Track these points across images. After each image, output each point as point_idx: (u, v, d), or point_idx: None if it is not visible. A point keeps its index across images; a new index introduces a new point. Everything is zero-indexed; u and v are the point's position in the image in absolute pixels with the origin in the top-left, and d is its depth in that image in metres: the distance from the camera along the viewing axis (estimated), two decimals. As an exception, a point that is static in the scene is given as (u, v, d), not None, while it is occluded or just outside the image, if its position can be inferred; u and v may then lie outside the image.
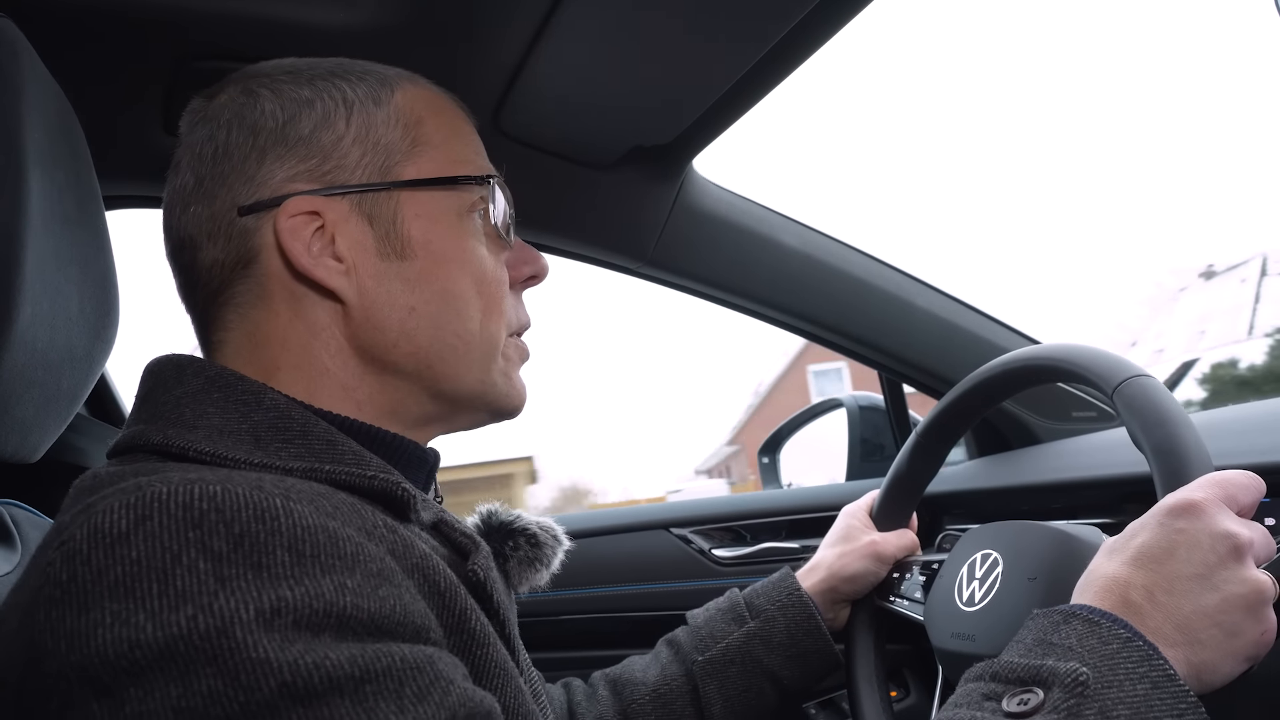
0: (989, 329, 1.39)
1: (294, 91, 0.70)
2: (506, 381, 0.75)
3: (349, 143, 0.70)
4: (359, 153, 0.70)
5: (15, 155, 0.65)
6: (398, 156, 0.71)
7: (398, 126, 0.72)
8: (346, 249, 0.69)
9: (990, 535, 0.91)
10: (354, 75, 0.72)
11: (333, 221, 0.69)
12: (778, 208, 1.32)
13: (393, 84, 0.73)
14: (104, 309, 0.79)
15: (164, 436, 0.61)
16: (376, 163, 0.71)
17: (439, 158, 0.73)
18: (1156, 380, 0.78)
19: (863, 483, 1.52)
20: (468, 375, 0.73)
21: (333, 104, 0.70)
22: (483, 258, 0.73)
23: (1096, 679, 0.56)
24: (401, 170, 0.71)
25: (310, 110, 0.70)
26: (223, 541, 0.50)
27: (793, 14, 0.90)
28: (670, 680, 1.01)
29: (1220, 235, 32.33)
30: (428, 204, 0.72)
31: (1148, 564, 0.63)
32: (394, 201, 0.70)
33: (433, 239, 0.71)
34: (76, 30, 0.92)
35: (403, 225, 0.70)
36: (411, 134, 0.72)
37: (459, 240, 0.72)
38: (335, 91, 0.71)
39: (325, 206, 0.69)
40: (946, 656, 0.90)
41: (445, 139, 0.74)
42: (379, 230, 0.70)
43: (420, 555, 0.59)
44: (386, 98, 0.72)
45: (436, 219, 0.72)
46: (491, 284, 0.73)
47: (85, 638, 0.47)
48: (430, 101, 0.74)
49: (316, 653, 0.48)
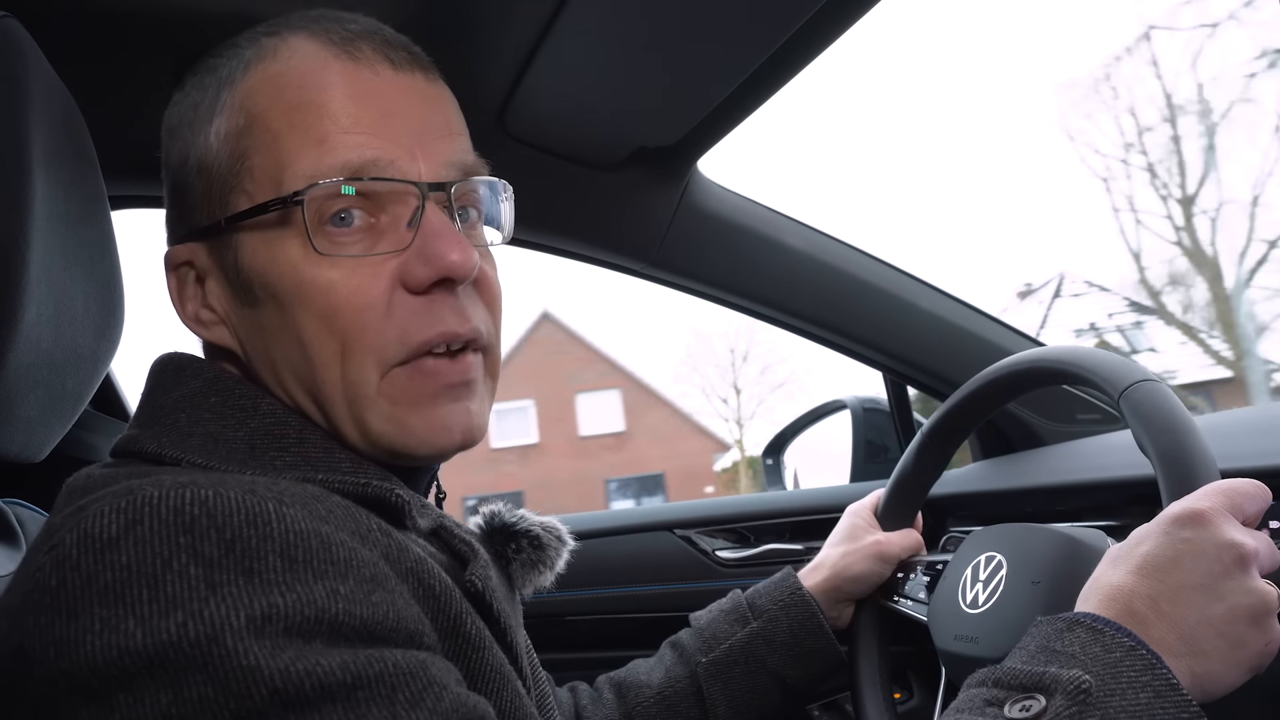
0: (993, 331, 1.39)
1: (174, 114, 0.68)
2: (396, 427, 0.63)
3: (194, 175, 0.64)
4: (201, 185, 0.64)
5: (21, 155, 0.65)
6: (230, 180, 0.63)
7: (227, 140, 0.63)
8: (214, 299, 0.66)
9: (994, 537, 0.91)
10: (215, 69, 0.66)
11: (201, 269, 0.66)
12: (782, 209, 1.32)
13: (240, 70, 0.64)
14: (109, 308, 0.79)
15: (158, 444, 0.61)
16: (214, 194, 0.64)
17: (266, 172, 0.62)
18: (1163, 385, 0.77)
19: (866, 484, 1.52)
20: (345, 429, 0.64)
21: (186, 127, 0.65)
22: (330, 287, 0.61)
23: (1099, 687, 0.56)
24: (234, 199, 0.63)
25: (175, 139, 0.67)
26: (214, 547, 0.49)
27: (797, 17, 0.90)
28: (675, 682, 1.01)
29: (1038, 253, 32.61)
30: (262, 236, 0.62)
31: (1152, 573, 0.62)
32: (233, 240, 0.63)
33: (270, 279, 0.62)
34: (82, 29, 0.92)
35: (244, 267, 0.63)
36: (240, 146, 0.63)
37: (298, 272, 0.62)
38: (190, 107, 0.65)
39: (193, 254, 0.66)
40: (950, 658, 0.90)
41: (273, 141, 0.62)
42: (230, 275, 0.64)
43: (415, 559, 0.59)
44: (223, 100, 0.64)
45: (272, 253, 0.62)
46: (344, 315, 0.61)
47: (74, 644, 0.47)
48: (279, 80, 0.63)
49: (308, 659, 0.48)
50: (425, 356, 0.63)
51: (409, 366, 0.63)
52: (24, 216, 0.64)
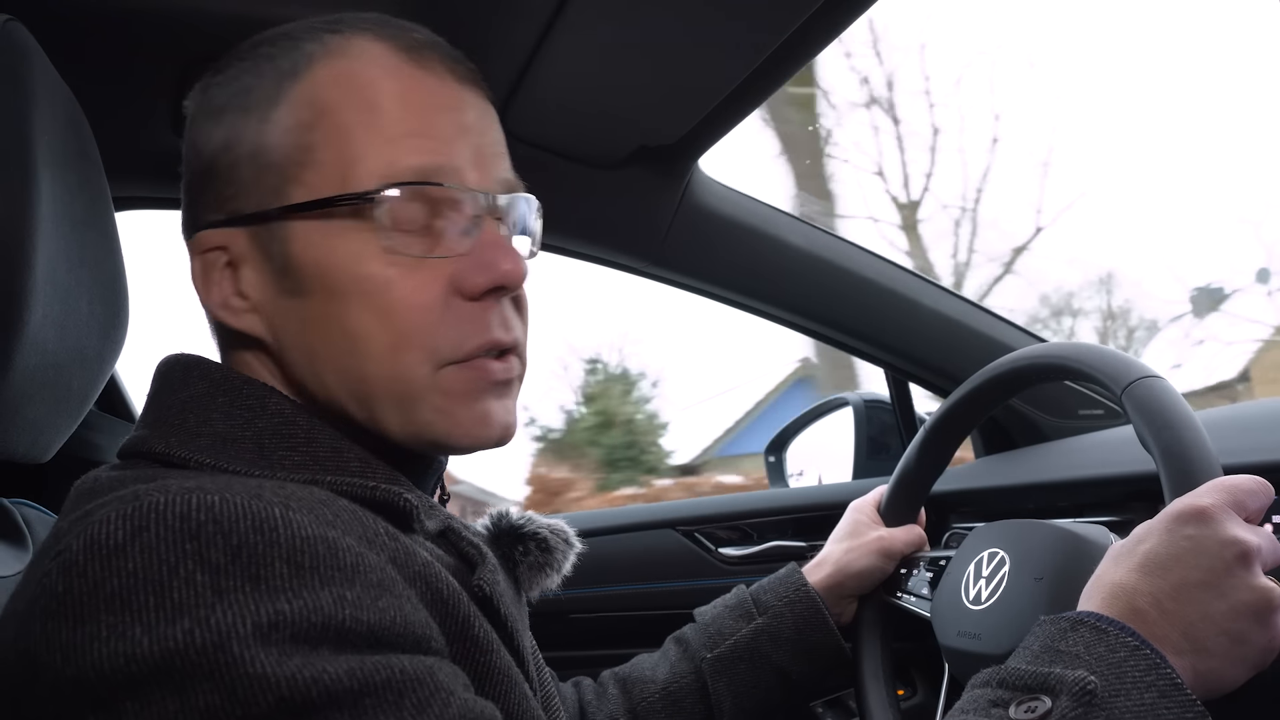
0: (996, 327, 1.39)
1: (215, 98, 0.66)
2: (446, 420, 0.64)
3: (244, 162, 0.64)
4: (251, 173, 0.64)
5: (26, 157, 0.65)
6: (289, 171, 0.63)
7: (291, 131, 0.63)
8: (249, 286, 0.65)
9: (997, 533, 0.91)
10: (272, 58, 0.65)
11: (237, 255, 0.65)
12: (783, 207, 1.32)
13: (305, 64, 0.64)
14: (114, 310, 0.79)
15: (166, 445, 0.61)
16: (267, 183, 0.63)
17: (333, 165, 0.63)
18: (1166, 381, 0.77)
19: (869, 481, 1.52)
20: (387, 420, 0.64)
21: (235, 112, 0.64)
22: (391, 283, 0.62)
23: (1104, 687, 0.56)
24: (292, 190, 0.63)
25: (218, 124, 0.65)
26: (220, 553, 0.49)
27: (796, 15, 0.90)
28: (679, 678, 1.01)
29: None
30: (321, 229, 0.63)
31: (1155, 571, 0.62)
32: (284, 230, 0.63)
33: (326, 271, 0.63)
34: (86, 33, 0.92)
35: (295, 257, 0.63)
36: (306, 138, 0.63)
37: (358, 267, 0.62)
38: (241, 94, 0.65)
39: (229, 239, 0.65)
40: (953, 654, 0.90)
41: (345, 134, 0.63)
42: (275, 264, 0.64)
43: (422, 563, 0.58)
44: (287, 90, 0.64)
45: (331, 246, 0.63)
46: (402, 314, 0.63)
47: (81, 651, 0.47)
48: (350, 78, 0.64)
49: (314, 666, 0.47)
50: (479, 358, 0.65)
51: (463, 365, 0.65)
52: (29, 218, 0.65)
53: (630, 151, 1.18)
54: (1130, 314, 11.03)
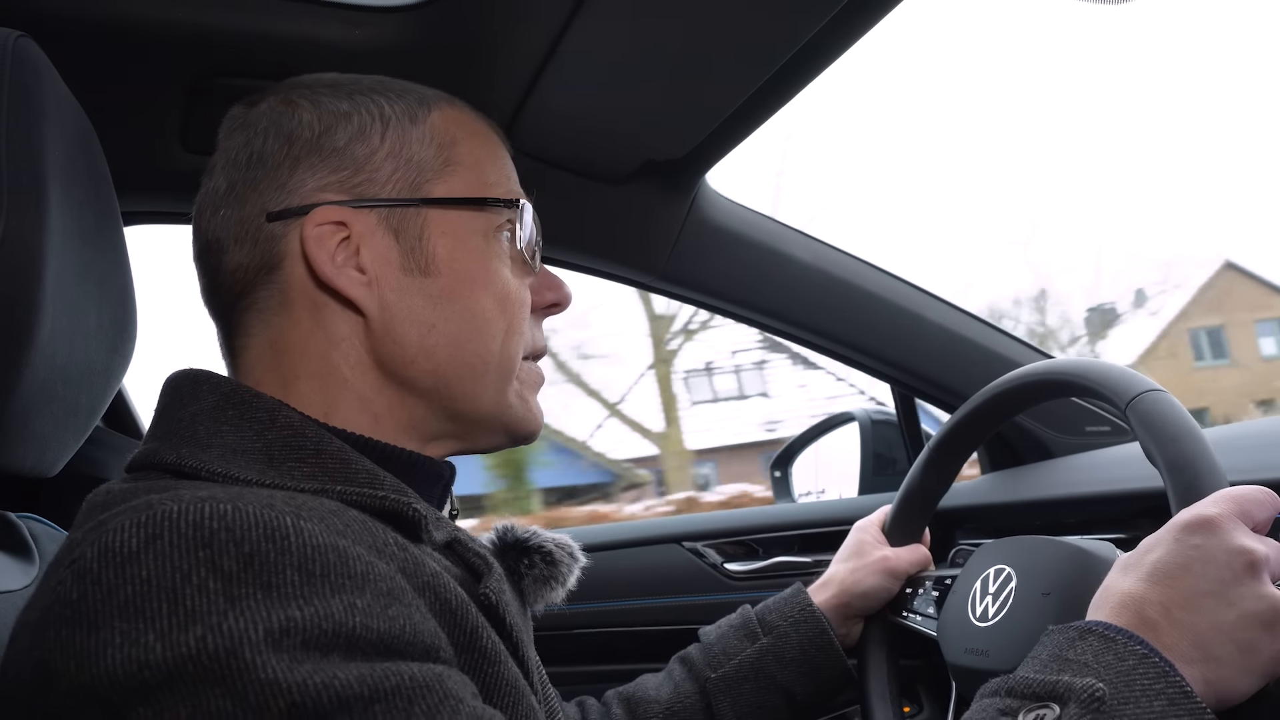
0: (1001, 343, 1.39)
1: (332, 104, 0.71)
2: (523, 404, 0.76)
3: (382, 157, 0.71)
4: (391, 167, 0.71)
5: (36, 172, 0.66)
6: (429, 174, 0.72)
7: (431, 145, 0.73)
8: (370, 261, 0.69)
9: (1003, 550, 0.91)
10: (393, 92, 0.73)
11: (359, 233, 0.69)
12: (790, 222, 1.33)
13: (431, 103, 0.74)
14: (122, 324, 0.80)
15: (177, 455, 0.61)
16: (407, 178, 0.71)
17: (469, 178, 0.73)
18: (1170, 395, 0.77)
19: (875, 497, 1.52)
20: (484, 395, 0.73)
21: (369, 118, 0.71)
22: (506, 279, 0.74)
23: (1113, 695, 0.55)
24: (432, 188, 0.72)
25: (347, 123, 0.71)
26: (233, 561, 0.50)
27: (804, 30, 0.91)
28: (684, 697, 1.00)
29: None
30: (455, 223, 0.72)
31: (1164, 580, 0.62)
32: (421, 218, 0.71)
33: (458, 257, 0.72)
34: (96, 49, 0.93)
35: (428, 242, 0.71)
36: (445, 154, 0.73)
37: (483, 261, 0.73)
38: (373, 106, 0.72)
39: (353, 218, 0.69)
40: (960, 672, 0.90)
41: (477, 161, 0.75)
42: (404, 245, 0.71)
43: (431, 574, 0.59)
44: (423, 116, 0.73)
45: (463, 238, 0.72)
46: (514, 305, 0.74)
47: (95, 658, 0.47)
48: (466, 125, 0.75)
49: (325, 673, 0.48)
50: (532, 359, 0.78)
51: (529, 364, 0.78)
52: (40, 233, 0.65)
53: (637, 166, 1.19)
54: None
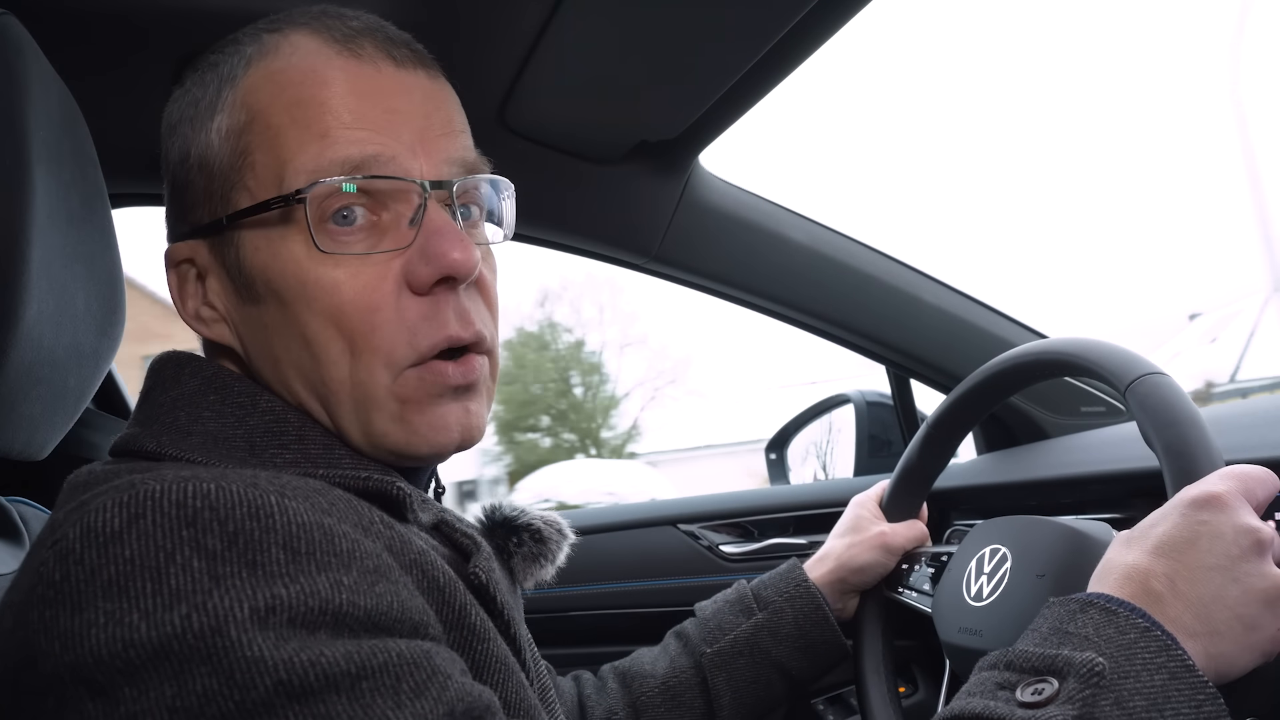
0: (997, 324, 1.39)
1: (174, 111, 0.67)
2: (402, 428, 0.64)
3: (194, 172, 0.65)
4: (202, 182, 0.64)
5: (21, 153, 0.65)
6: (232, 177, 0.63)
7: (228, 138, 0.63)
8: (215, 296, 0.66)
9: (999, 530, 0.90)
10: (215, 66, 0.65)
11: (202, 266, 0.66)
12: (784, 202, 1.32)
13: (242, 67, 0.64)
14: (110, 306, 0.79)
15: (157, 444, 0.61)
16: (215, 191, 0.64)
17: (267, 169, 0.62)
18: (1170, 378, 0.77)
19: (870, 478, 1.52)
20: (350, 426, 0.64)
21: (187, 124, 0.65)
22: (335, 286, 0.61)
23: (1113, 669, 0.55)
24: (236, 197, 0.63)
25: (175, 136, 0.66)
26: (217, 539, 0.49)
27: (797, 8, 0.90)
28: (679, 672, 1.01)
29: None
30: (265, 234, 0.63)
31: (1169, 553, 0.62)
32: (235, 237, 0.64)
33: (273, 276, 0.62)
34: (82, 27, 0.92)
35: (245, 264, 0.63)
36: (242, 142, 0.63)
37: (302, 271, 0.62)
38: (191, 104, 0.65)
39: (193, 251, 0.66)
40: (954, 651, 0.90)
41: (274, 138, 0.62)
42: (231, 272, 0.65)
43: (418, 551, 0.59)
44: (225, 96, 0.64)
45: (275, 251, 0.62)
46: (354, 315, 0.62)
47: (79, 638, 0.47)
48: (281, 76, 0.63)
49: (312, 650, 0.48)
50: (435, 359, 0.64)
51: (420, 368, 0.63)
52: (24, 214, 0.64)
53: (631, 147, 1.18)
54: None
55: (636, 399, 22.46)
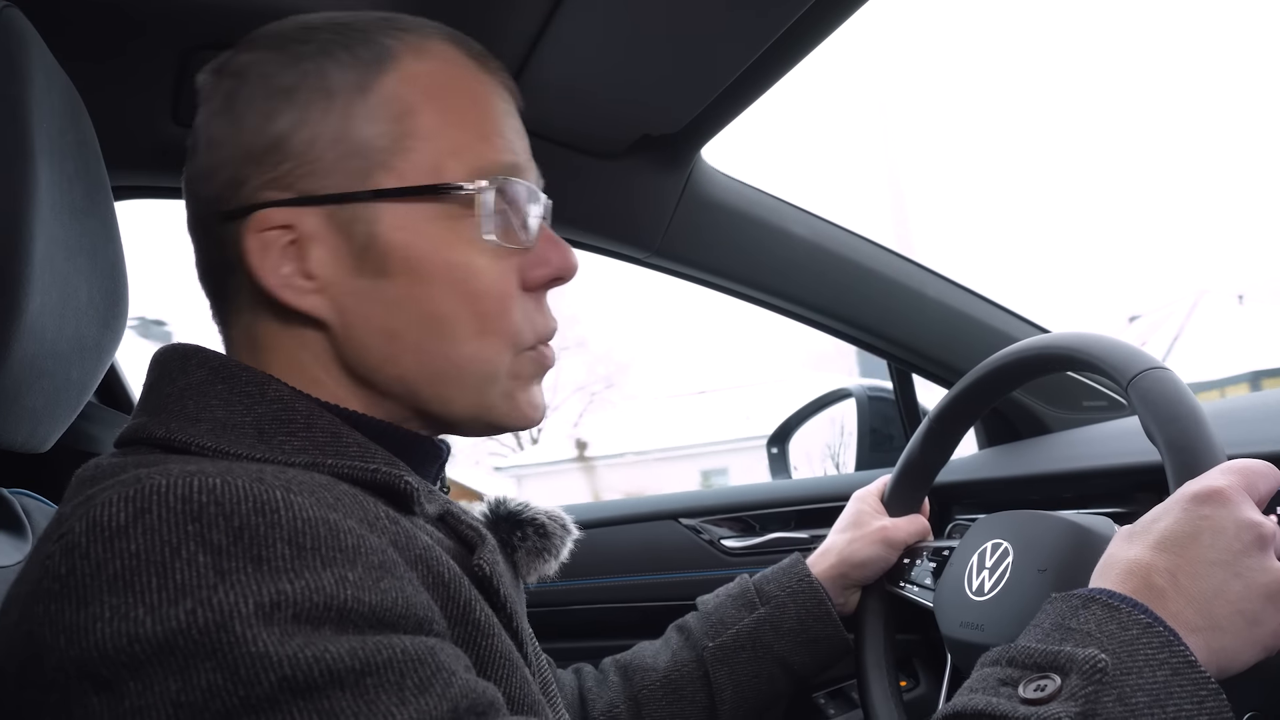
0: (999, 318, 1.39)
1: (278, 77, 0.64)
2: (508, 402, 0.69)
3: (325, 143, 0.64)
4: (334, 155, 0.64)
5: (24, 145, 0.65)
6: (379, 157, 0.64)
7: (382, 120, 0.64)
8: (319, 266, 0.64)
9: (1000, 524, 0.91)
10: (349, 48, 0.65)
11: (306, 235, 0.64)
12: (787, 197, 1.32)
13: (389, 59, 0.65)
14: (113, 299, 0.79)
15: (166, 430, 0.60)
16: (354, 166, 0.64)
17: (427, 156, 0.65)
18: (1172, 373, 0.77)
19: (871, 473, 1.52)
20: (460, 400, 0.68)
21: (312, 94, 0.64)
22: (479, 271, 0.66)
23: (1115, 665, 0.55)
24: (382, 175, 0.64)
25: (288, 104, 0.64)
26: (222, 534, 0.49)
27: (801, 2, 0.90)
28: (681, 666, 1.01)
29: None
30: (411, 213, 0.65)
31: (1171, 548, 0.62)
32: (371, 212, 0.64)
33: (415, 255, 0.65)
34: (85, 19, 0.92)
35: (381, 239, 0.64)
36: (398, 128, 0.65)
37: (448, 254, 0.65)
38: (319, 78, 0.64)
39: (298, 218, 0.64)
40: (955, 645, 0.90)
41: (439, 129, 0.66)
42: (355, 245, 0.64)
43: (423, 547, 0.59)
44: (375, 81, 0.65)
45: (421, 231, 0.65)
46: (488, 300, 0.66)
47: (84, 632, 0.47)
48: (432, 79, 0.67)
49: (316, 646, 0.48)
50: (532, 348, 0.70)
51: (529, 353, 0.70)
52: (27, 206, 0.64)
53: (633, 141, 1.18)
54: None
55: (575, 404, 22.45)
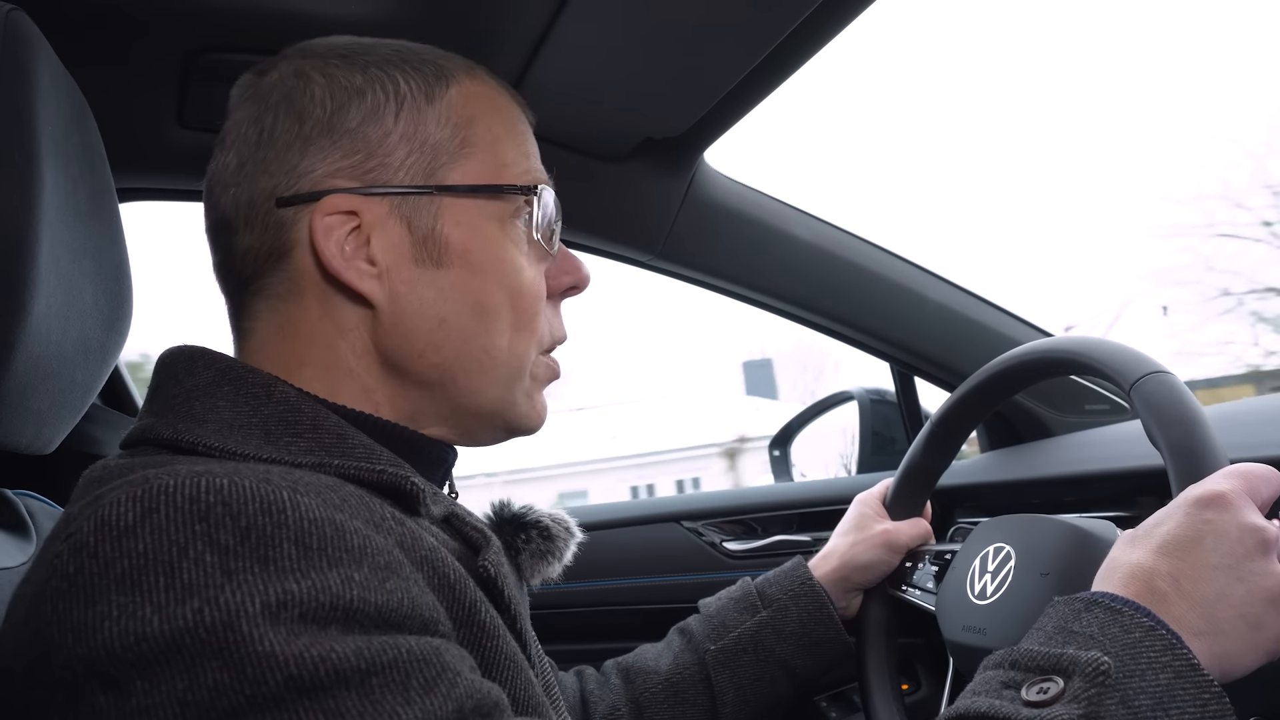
0: (1002, 321, 1.39)
1: (346, 78, 0.68)
2: (528, 401, 0.73)
3: (395, 140, 0.68)
4: (404, 151, 0.68)
5: (29, 148, 0.65)
6: (444, 158, 0.69)
7: (447, 125, 0.69)
8: (381, 252, 0.67)
9: (1003, 528, 0.91)
10: (411, 64, 0.70)
11: (370, 222, 0.67)
12: (789, 200, 1.32)
13: (450, 77, 0.71)
14: (117, 301, 0.79)
15: (173, 431, 0.61)
16: (421, 163, 0.68)
17: (487, 161, 0.70)
18: (1175, 377, 0.77)
19: (873, 476, 1.52)
20: (489, 391, 0.71)
21: (384, 95, 0.68)
22: (521, 269, 0.71)
23: (1118, 668, 0.55)
24: (447, 173, 0.69)
25: (360, 101, 0.68)
26: (229, 534, 0.50)
27: (804, 6, 0.90)
28: (683, 669, 1.01)
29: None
30: (470, 211, 0.69)
31: (1174, 552, 0.62)
32: (435, 206, 0.68)
33: (472, 248, 0.69)
34: (90, 23, 0.92)
35: (441, 232, 0.68)
36: (461, 134, 0.70)
37: (498, 250, 0.70)
38: (389, 82, 0.69)
39: (364, 206, 0.67)
40: (957, 649, 0.90)
41: (495, 141, 0.71)
42: (416, 235, 0.68)
43: (429, 548, 0.59)
44: (440, 93, 0.70)
45: (477, 227, 0.70)
46: (527, 298, 0.71)
47: (92, 630, 0.47)
48: (486, 99, 0.72)
49: (322, 645, 0.48)
50: (548, 352, 0.75)
51: (544, 358, 0.75)
52: (33, 209, 0.65)
53: (635, 144, 1.18)
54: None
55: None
